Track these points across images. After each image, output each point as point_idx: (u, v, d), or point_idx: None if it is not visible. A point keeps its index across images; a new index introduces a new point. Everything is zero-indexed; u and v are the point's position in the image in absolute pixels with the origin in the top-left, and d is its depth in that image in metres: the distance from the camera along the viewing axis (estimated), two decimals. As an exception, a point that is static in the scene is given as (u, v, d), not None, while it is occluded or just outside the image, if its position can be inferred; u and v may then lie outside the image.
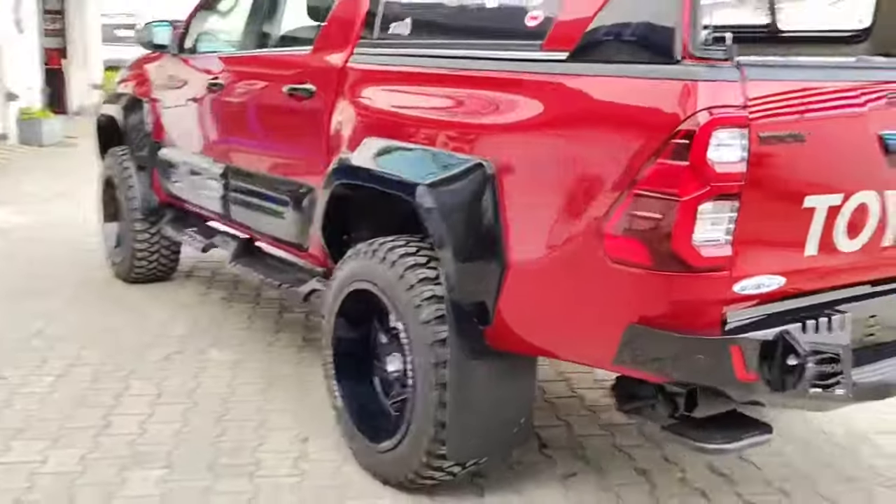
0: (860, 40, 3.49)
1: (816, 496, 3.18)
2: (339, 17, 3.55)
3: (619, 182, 2.28)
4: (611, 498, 3.13)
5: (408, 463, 2.97)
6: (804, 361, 2.22)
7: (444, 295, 2.78)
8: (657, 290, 2.26)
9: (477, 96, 2.74)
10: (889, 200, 2.50)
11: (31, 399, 3.83)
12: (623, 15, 2.36)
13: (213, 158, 4.46)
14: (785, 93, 2.27)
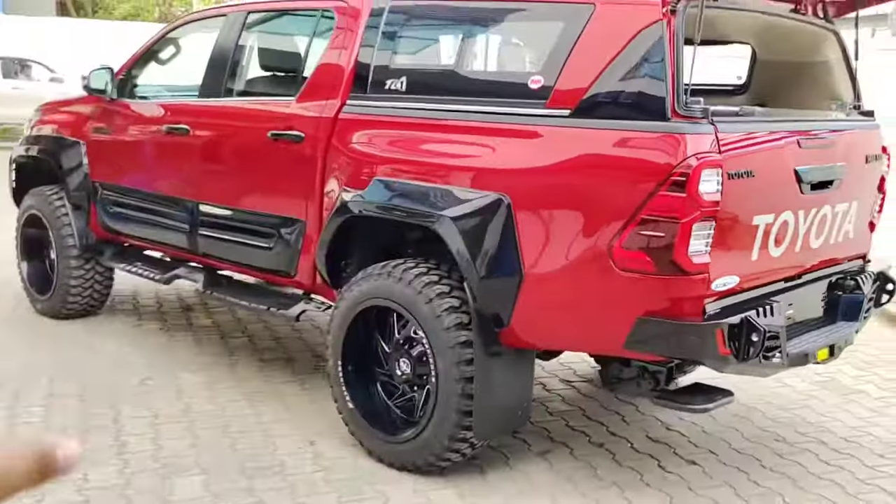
0: (741, 93, 4.44)
1: (731, 451, 4.04)
2: (326, 72, 4.08)
3: (624, 210, 3.02)
4: (584, 465, 3.85)
5: (430, 448, 3.55)
6: (762, 338, 3.03)
7: (469, 304, 3.40)
8: (660, 289, 3.00)
9: (491, 143, 3.39)
10: (800, 218, 3.39)
11: (31, 429, 4.06)
12: (617, 85, 3.11)
13: (177, 197, 4.81)
14: (740, 140, 3.10)
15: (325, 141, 3.99)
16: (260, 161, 4.35)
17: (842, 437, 4.28)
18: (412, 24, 3.88)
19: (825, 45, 3.98)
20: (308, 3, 4.45)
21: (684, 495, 3.61)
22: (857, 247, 3.96)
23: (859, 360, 5.41)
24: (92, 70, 5.17)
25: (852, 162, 3.72)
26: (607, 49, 3.14)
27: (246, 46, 4.72)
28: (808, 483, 3.76)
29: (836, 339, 3.59)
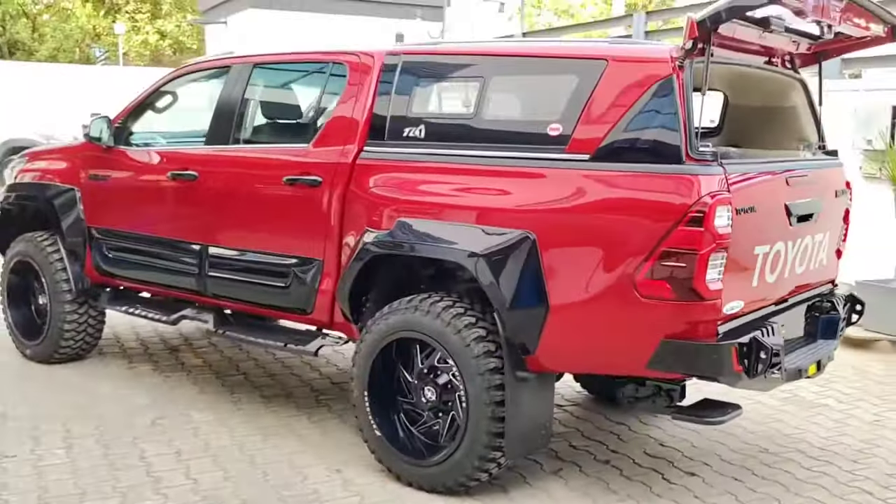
0: (714, 135, 4.87)
1: (723, 462, 4.41)
2: (341, 120, 4.34)
3: (646, 244, 3.36)
4: (596, 481, 4.16)
5: (461, 469, 3.81)
6: (769, 356, 3.41)
7: (498, 333, 3.70)
8: (680, 314, 3.35)
9: (515, 185, 3.70)
10: (789, 247, 3.81)
11: (62, 470, 4.15)
12: (632, 132, 3.47)
13: (183, 240, 4.98)
14: (744, 179, 3.49)
15: (343, 185, 4.25)
16: (275, 205, 4.57)
17: (817, 447, 4.70)
18: (427, 76, 4.19)
19: (793, 92, 4.44)
20: (318, 56, 4.70)
21: (693, 503, 3.95)
22: (828, 273, 4.40)
23: (817, 377, 5.86)
24: (92, 119, 5.31)
25: (826, 196, 4.17)
26: (622, 100, 3.51)
27: (254, 96, 4.95)
28: (798, 487, 4.15)
29: (822, 355, 4.01)
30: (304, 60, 4.95)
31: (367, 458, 4.26)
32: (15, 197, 5.99)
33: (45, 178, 5.79)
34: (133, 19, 28.20)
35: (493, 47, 4.35)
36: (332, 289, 4.35)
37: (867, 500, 4.04)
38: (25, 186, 5.93)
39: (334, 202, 4.27)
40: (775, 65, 4.30)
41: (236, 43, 15.57)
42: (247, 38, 14.95)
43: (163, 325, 6.74)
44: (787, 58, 4.37)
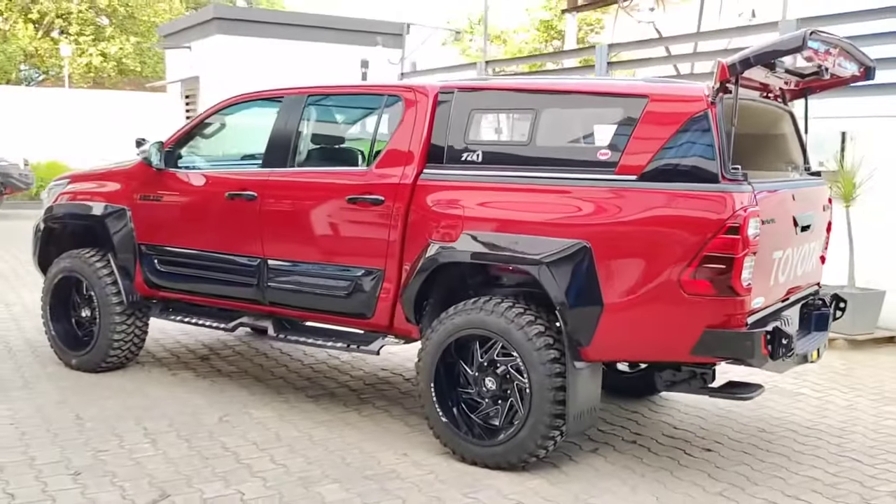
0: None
1: (731, 441, 5.12)
2: (400, 145, 4.92)
3: (690, 250, 4.04)
4: (630, 457, 4.82)
5: (524, 447, 4.42)
6: (789, 342, 4.12)
7: (553, 328, 4.33)
8: (720, 308, 4.04)
9: (571, 201, 4.35)
10: (794, 252, 4.55)
11: (157, 460, 4.59)
12: (674, 157, 4.16)
13: (240, 254, 5.47)
14: (767, 195, 4.21)
15: (405, 203, 4.84)
16: (337, 221, 5.12)
17: (805, 427, 5.45)
18: (480, 108, 4.82)
19: (783, 122, 5.21)
20: (374, 89, 5.29)
21: (716, 472, 4.63)
22: (816, 275, 5.17)
23: (791, 371, 6.66)
24: (149, 144, 5.78)
25: (817, 210, 4.94)
26: (664, 130, 4.20)
27: (310, 122, 5.50)
28: (798, 458, 4.88)
29: (819, 343, 4.76)
30: (360, 93, 5.52)
31: (426, 443, 4.84)
32: (61, 217, 6.38)
33: (95, 199, 6.20)
34: (77, 42, 28.10)
35: (542, 84, 5.00)
36: (393, 295, 4.93)
37: (857, 466, 4.78)
38: (73, 207, 6.32)
39: (397, 218, 4.85)
40: (770, 98, 5.06)
41: (202, 68, 15.94)
42: (213, 63, 15.33)
43: (185, 337, 7.23)
44: (780, 93, 5.14)
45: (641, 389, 5.86)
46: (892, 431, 5.40)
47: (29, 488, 4.20)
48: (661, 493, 4.34)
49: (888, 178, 7.73)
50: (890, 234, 7.83)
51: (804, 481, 4.54)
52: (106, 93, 24.36)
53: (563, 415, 4.35)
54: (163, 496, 4.14)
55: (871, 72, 5.05)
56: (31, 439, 4.86)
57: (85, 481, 4.30)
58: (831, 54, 4.51)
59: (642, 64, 10.83)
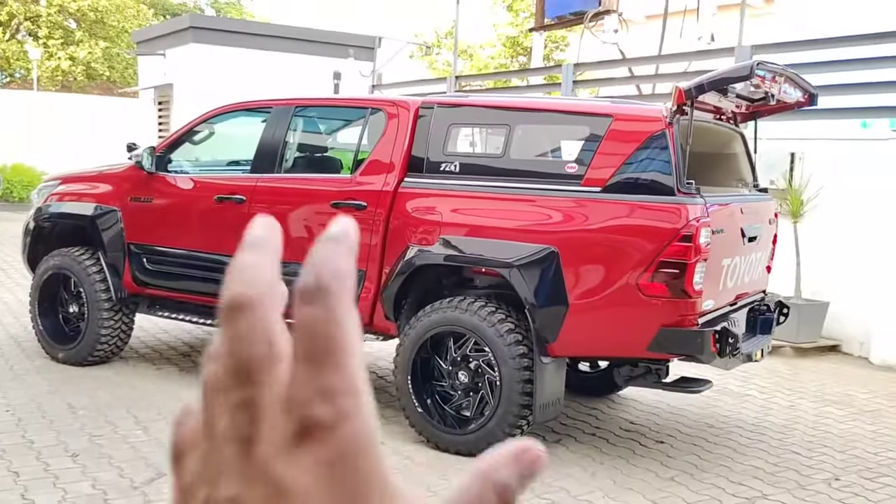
0: (670, 174, 6.07)
1: (683, 434, 5.55)
2: (383, 155, 5.31)
3: (647, 256, 4.47)
4: (590, 446, 5.23)
5: (493, 435, 4.80)
6: (735, 341, 4.56)
7: (522, 326, 4.73)
8: (673, 309, 4.47)
9: (541, 210, 4.77)
10: (742, 261, 5.00)
11: (151, 444, 4.90)
12: (635, 172, 4.59)
13: (229, 254, 5.79)
14: (717, 207, 4.66)
15: (386, 209, 5.22)
16: (321, 225, 5.45)
17: (750, 423, 5.91)
18: (459, 121, 5.23)
19: (734, 142, 5.68)
20: (358, 102, 5.67)
21: (668, 461, 5.06)
22: (761, 283, 5.63)
23: (739, 374, 7.15)
24: (141, 148, 6.10)
25: (763, 223, 5.41)
26: (626, 147, 4.63)
27: (297, 132, 5.86)
28: (744, 450, 5.32)
29: (763, 345, 5.22)
30: (345, 105, 5.89)
31: (402, 433, 5.20)
32: (51, 216, 6.66)
33: (86, 199, 6.49)
34: (46, 45, 28.09)
35: (516, 102, 5.42)
36: (373, 295, 5.29)
37: (796, 458, 5.24)
38: (64, 206, 6.61)
39: (379, 223, 5.23)
40: (722, 120, 5.53)
41: (176, 75, 16.19)
42: (188, 70, 15.59)
43: (165, 335, 7.53)
44: (731, 115, 5.60)
45: (600, 388, 6.28)
46: (829, 429, 5.87)
47: (32, 468, 4.49)
48: (618, 478, 4.75)
49: (833, 197, 8.27)
50: (834, 248, 8.36)
51: (748, 469, 4.98)
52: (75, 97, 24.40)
53: (530, 405, 4.75)
54: (159, 475, 4.45)
55: (815, 98, 5.54)
56: (28, 425, 5.13)
57: (84, 462, 4.60)
58: (777, 82, 4.98)
59: (606, 83, 11.33)
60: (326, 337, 0.33)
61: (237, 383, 0.33)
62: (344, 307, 0.33)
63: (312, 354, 0.33)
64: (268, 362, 0.33)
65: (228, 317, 0.34)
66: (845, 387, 7.07)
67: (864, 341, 8.15)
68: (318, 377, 0.33)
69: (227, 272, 0.35)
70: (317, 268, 0.34)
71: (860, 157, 8.22)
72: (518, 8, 33.66)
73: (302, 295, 0.33)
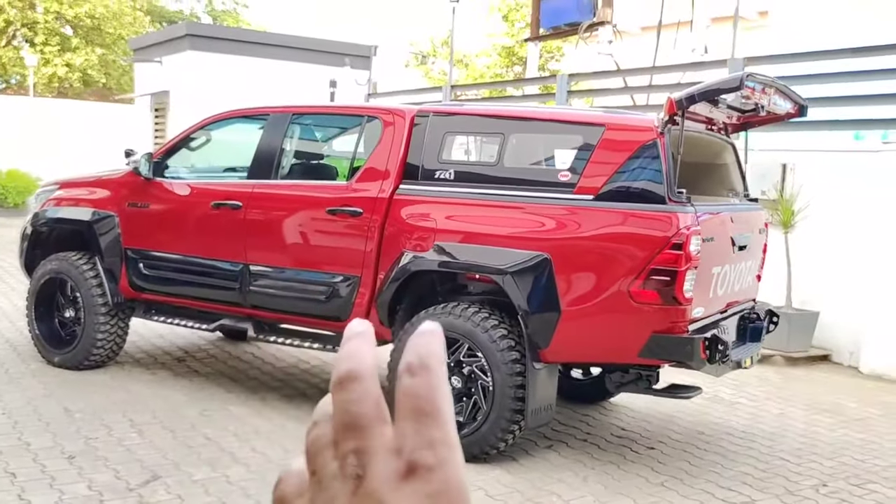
0: (662, 183, 6.14)
1: (673, 441, 5.61)
2: (379, 162, 5.36)
3: (639, 263, 4.54)
4: (582, 452, 5.28)
5: (486, 439, 4.86)
6: (725, 348, 4.63)
7: (515, 332, 4.79)
8: (664, 315, 4.53)
9: (534, 217, 4.83)
10: (732, 270, 5.07)
11: (146, 447, 4.94)
12: (627, 180, 4.66)
13: (225, 260, 5.86)
14: (708, 216, 4.72)
15: (382, 215, 5.28)
16: (318, 231, 5.54)
17: (740, 430, 5.97)
18: (453, 131, 5.29)
19: (725, 153, 5.76)
20: (355, 110, 5.73)
21: (659, 467, 5.11)
22: (752, 292, 5.70)
23: (730, 383, 7.22)
24: (139, 154, 6.15)
25: (754, 232, 5.48)
26: (618, 156, 4.70)
27: (293, 139, 5.93)
28: (734, 456, 5.38)
29: (752, 352, 5.28)
30: (341, 113, 5.96)
31: (396, 438, 5.24)
32: (48, 221, 6.70)
33: (84, 204, 6.54)
34: (42, 52, 28.15)
35: (510, 111, 5.49)
36: (368, 300, 5.35)
37: (785, 465, 5.30)
38: (62, 211, 6.65)
39: (374, 229, 5.29)
40: (714, 131, 5.60)
41: (173, 82, 16.24)
42: (184, 77, 15.65)
43: (160, 340, 7.57)
44: (722, 126, 5.68)
45: (592, 395, 6.34)
46: (818, 437, 5.93)
47: (29, 468, 4.53)
48: (609, 483, 4.81)
49: (824, 208, 8.35)
50: (824, 259, 8.44)
51: (737, 475, 5.04)
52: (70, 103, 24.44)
53: (523, 410, 4.80)
54: (154, 477, 4.50)
55: (804, 110, 5.62)
56: (24, 427, 5.17)
57: (80, 464, 4.64)
58: (767, 93, 5.06)
59: (600, 94, 11.43)
60: (428, 400, 0.43)
61: (350, 435, 0.44)
62: (441, 379, 0.43)
63: (418, 413, 0.43)
64: (376, 419, 0.43)
65: (342, 386, 0.44)
66: (835, 395, 7.13)
67: (854, 351, 8.22)
68: (423, 430, 0.43)
69: (338, 353, 0.46)
70: (419, 350, 0.44)
71: (851, 168, 8.30)
72: (513, 18, 33.85)
73: (408, 369, 0.43)
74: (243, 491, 4.39)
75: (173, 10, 36.25)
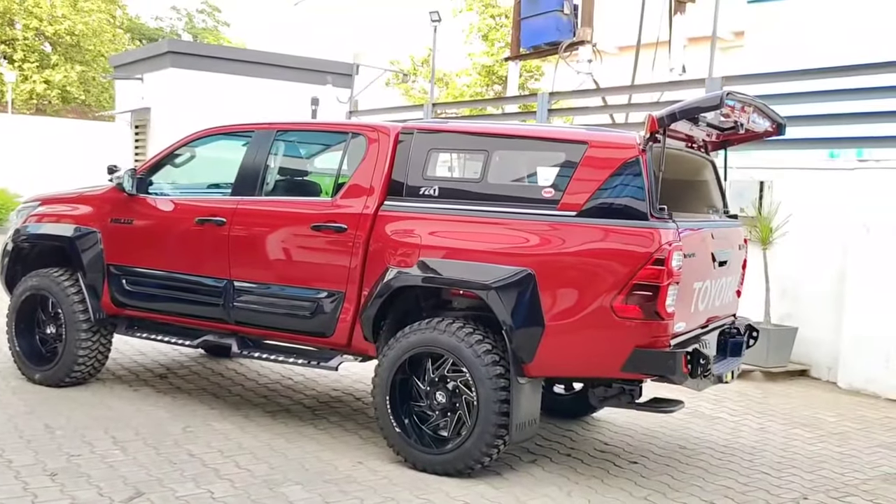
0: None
1: (656, 455, 5.65)
2: (363, 178, 5.39)
3: (621, 279, 4.58)
4: (565, 467, 5.31)
5: (471, 454, 4.88)
6: (707, 362, 4.68)
7: (499, 347, 4.83)
8: (646, 330, 4.58)
9: (517, 234, 4.87)
10: (712, 285, 5.14)
11: (129, 464, 4.91)
12: (609, 197, 4.71)
13: (209, 276, 5.85)
14: (689, 232, 4.79)
15: (366, 231, 5.30)
16: (301, 247, 5.55)
17: (721, 444, 6.02)
18: (438, 146, 5.34)
19: (705, 170, 5.84)
20: (339, 127, 5.77)
21: (641, 481, 5.15)
22: (732, 307, 5.77)
23: (710, 398, 7.28)
24: (123, 170, 6.16)
25: (734, 248, 5.55)
26: (601, 173, 4.76)
27: (278, 156, 5.95)
28: (715, 470, 5.43)
29: (733, 367, 5.34)
30: (326, 130, 5.99)
31: (380, 453, 5.27)
32: (30, 237, 6.68)
33: (66, 220, 6.52)
34: (21, 69, 28.03)
35: (494, 128, 5.54)
36: (352, 316, 5.37)
37: (765, 478, 5.35)
38: (43, 227, 6.63)
39: (359, 245, 5.31)
40: (694, 148, 5.68)
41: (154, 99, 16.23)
42: (165, 95, 15.65)
43: (141, 357, 7.55)
44: (703, 144, 5.76)
45: (575, 411, 6.38)
46: (798, 450, 6.00)
47: (10, 486, 4.50)
48: (593, 497, 4.84)
49: (801, 224, 8.46)
50: (802, 275, 8.55)
51: (718, 489, 5.08)
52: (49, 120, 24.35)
53: (507, 425, 4.83)
54: (138, 494, 4.48)
55: (782, 128, 5.71)
56: (5, 444, 5.14)
57: (62, 481, 4.61)
58: (746, 112, 5.15)
59: (581, 112, 11.54)
60: None
61: None
62: None
63: None
64: None
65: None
66: (813, 410, 7.21)
67: (832, 366, 8.32)
68: None
69: None
70: None
71: (827, 186, 8.43)
72: (493, 38, 34.14)
73: None
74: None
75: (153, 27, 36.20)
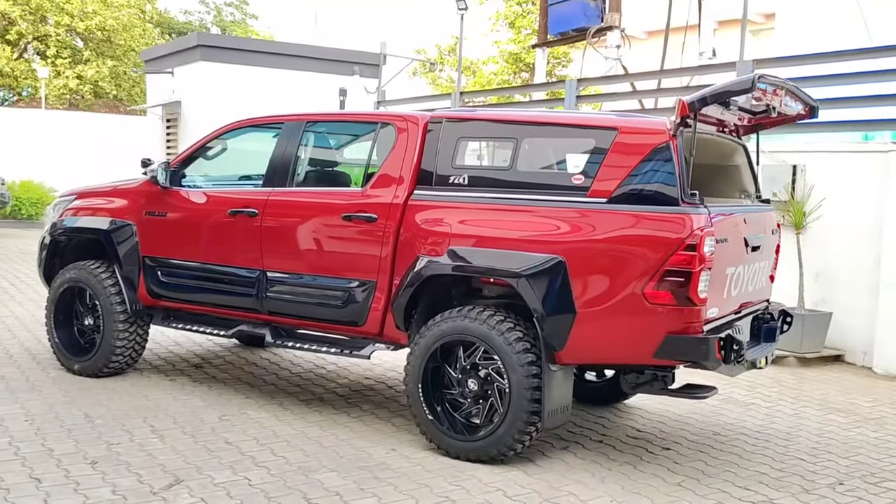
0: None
1: (689, 441, 5.64)
2: (393, 168, 5.41)
3: (653, 265, 4.57)
4: (598, 453, 5.32)
5: (503, 441, 4.90)
6: (740, 348, 4.66)
7: (530, 334, 4.84)
8: (679, 316, 4.57)
9: (548, 221, 4.87)
10: (746, 270, 5.11)
11: (167, 452, 5.00)
12: (640, 183, 4.70)
13: (242, 266, 5.91)
14: (721, 217, 4.76)
15: (397, 220, 5.33)
16: (332, 237, 5.60)
17: (755, 431, 6.00)
18: (467, 134, 5.35)
19: (737, 154, 5.79)
20: (369, 117, 5.80)
21: (675, 467, 5.15)
22: (765, 293, 5.73)
23: (744, 384, 7.25)
24: (156, 164, 6.24)
25: (766, 233, 5.52)
26: (631, 159, 4.74)
27: (308, 147, 5.99)
28: (749, 456, 5.41)
29: (767, 352, 5.31)
30: (355, 120, 6.02)
31: (413, 440, 5.31)
32: (66, 231, 6.78)
33: (101, 213, 6.62)
34: (54, 64, 28.39)
35: (523, 115, 5.54)
36: (384, 305, 5.40)
37: (800, 464, 5.32)
38: (80, 221, 6.73)
39: (390, 235, 5.34)
40: (725, 133, 5.64)
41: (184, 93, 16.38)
42: (196, 88, 15.78)
43: (177, 347, 7.65)
44: (734, 128, 5.72)
45: (607, 397, 6.38)
46: (833, 436, 5.96)
47: (53, 474, 4.59)
48: (626, 483, 4.85)
49: (835, 208, 8.38)
50: (836, 259, 8.47)
51: (753, 475, 5.07)
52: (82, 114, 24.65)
53: (539, 412, 4.85)
54: (177, 481, 4.56)
55: (815, 111, 5.65)
56: (47, 434, 5.24)
57: (103, 469, 4.70)
58: (778, 95, 5.10)
59: (609, 98, 11.48)
60: None
61: None
62: None
63: None
64: None
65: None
66: (849, 395, 7.16)
67: (867, 351, 8.24)
68: None
69: None
70: None
71: (861, 169, 8.33)
72: (520, 25, 33.96)
73: None
74: (265, 493, 4.45)
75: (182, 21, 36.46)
